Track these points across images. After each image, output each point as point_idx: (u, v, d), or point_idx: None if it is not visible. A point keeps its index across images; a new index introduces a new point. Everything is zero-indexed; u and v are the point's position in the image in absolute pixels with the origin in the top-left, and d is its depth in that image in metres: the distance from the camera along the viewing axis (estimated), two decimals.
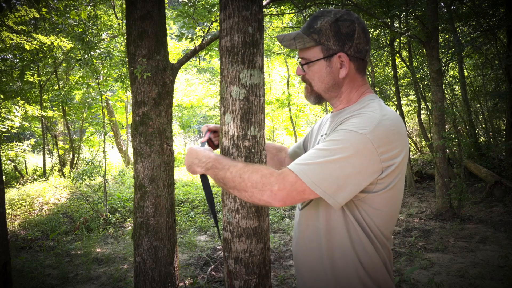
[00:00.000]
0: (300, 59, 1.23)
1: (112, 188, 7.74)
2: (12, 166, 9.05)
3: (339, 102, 1.22)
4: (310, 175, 1.01)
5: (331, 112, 1.29)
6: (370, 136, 1.01)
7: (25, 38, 6.39)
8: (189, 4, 4.76)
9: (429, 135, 8.46)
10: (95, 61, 6.13)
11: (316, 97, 1.24)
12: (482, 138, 9.09)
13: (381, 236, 1.11)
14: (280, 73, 14.45)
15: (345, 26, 1.13)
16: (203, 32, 3.95)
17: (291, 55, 11.26)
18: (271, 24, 11.15)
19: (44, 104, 9.11)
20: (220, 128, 1.32)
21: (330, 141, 1.04)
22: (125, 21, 2.64)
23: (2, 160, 7.16)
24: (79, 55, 6.23)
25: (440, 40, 7.71)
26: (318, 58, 1.16)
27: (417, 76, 8.30)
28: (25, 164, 9.89)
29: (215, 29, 4.57)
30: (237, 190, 1.08)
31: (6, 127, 6.65)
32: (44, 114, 8.06)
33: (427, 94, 8.84)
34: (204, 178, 1.27)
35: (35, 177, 8.78)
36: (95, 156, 6.83)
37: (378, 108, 1.10)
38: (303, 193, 1.02)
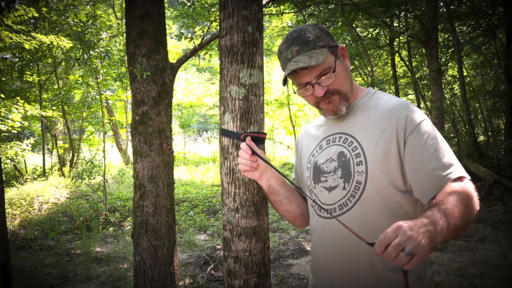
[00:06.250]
0: (315, 80, 1.12)
1: (111, 188, 7.74)
2: (11, 166, 9.04)
3: (351, 95, 1.19)
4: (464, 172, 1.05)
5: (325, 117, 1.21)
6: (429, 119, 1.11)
7: (24, 37, 6.37)
8: (188, 4, 4.76)
9: None
10: (94, 60, 6.11)
11: (345, 101, 1.15)
12: (481, 138, 9.09)
13: None
14: (279, 73, 14.42)
15: (322, 29, 1.17)
16: (203, 31, 3.95)
17: None
18: (270, 24, 11.16)
19: (44, 103, 9.09)
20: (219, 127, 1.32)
21: (429, 137, 1.05)
22: (124, 20, 2.65)
23: (2, 160, 7.16)
24: (78, 54, 6.21)
25: (440, 39, 7.72)
26: (334, 59, 1.12)
27: (417, 76, 8.31)
28: (25, 163, 9.87)
29: (215, 28, 4.56)
30: (468, 222, 1.00)
31: (6, 127, 6.63)
32: (43, 113, 8.05)
33: (426, 93, 8.85)
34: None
35: (35, 176, 8.77)
36: (95, 156, 6.82)
37: (392, 96, 1.18)
38: None
